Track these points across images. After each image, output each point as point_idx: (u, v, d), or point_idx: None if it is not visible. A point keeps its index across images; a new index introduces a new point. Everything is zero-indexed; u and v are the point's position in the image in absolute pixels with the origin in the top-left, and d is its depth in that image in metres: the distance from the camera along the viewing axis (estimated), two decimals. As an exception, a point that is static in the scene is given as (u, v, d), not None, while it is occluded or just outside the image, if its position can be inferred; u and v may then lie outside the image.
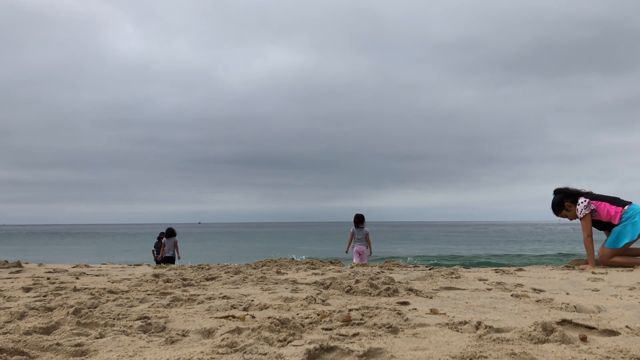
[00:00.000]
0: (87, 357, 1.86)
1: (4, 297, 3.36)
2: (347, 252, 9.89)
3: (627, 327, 2.23)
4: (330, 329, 2.22)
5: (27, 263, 6.31)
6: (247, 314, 2.60)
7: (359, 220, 9.81)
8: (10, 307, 2.81)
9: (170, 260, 12.93)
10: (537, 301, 2.98)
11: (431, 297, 3.19)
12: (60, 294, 3.44)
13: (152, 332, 2.23)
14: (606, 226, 5.45)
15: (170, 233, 13.29)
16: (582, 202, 5.45)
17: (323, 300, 3.01)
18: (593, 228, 5.49)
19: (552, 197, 5.76)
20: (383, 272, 4.77)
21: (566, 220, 5.63)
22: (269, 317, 2.40)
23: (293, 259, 6.36)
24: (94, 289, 3.68)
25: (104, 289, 3.66)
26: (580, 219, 5.44)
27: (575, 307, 2.73)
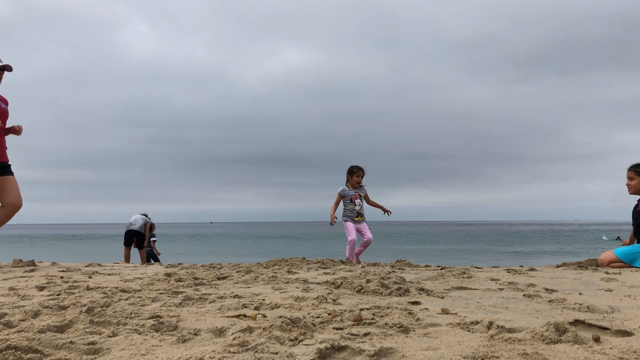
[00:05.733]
0: (100, 356, 1.88)
1: (19, 295, 3.41)
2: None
3: (641, 327, 2.21)
4: (341, 329, 2.22)
5: (40, 262, 6.37)
6: (259, 313, 2.61)
7: None
8: (24, 306, 2.85)
9: (138, 235, 10.70)
10: (549, 301, 2.96)
11: (443, 297, 3.17)
12: (74, 293, 3.48)
13: (164, 331, 2.24)
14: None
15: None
16: None
17: (334, 300, 3.01)
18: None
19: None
20: (394, 271, 4.76)
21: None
22: (280, 317, 2.40)
23: (304, 258, 6.37)
24: (106, 287, 3.72)
25: (117, 287, 3.69)
26: None
27: (588, 308, 2.70)
